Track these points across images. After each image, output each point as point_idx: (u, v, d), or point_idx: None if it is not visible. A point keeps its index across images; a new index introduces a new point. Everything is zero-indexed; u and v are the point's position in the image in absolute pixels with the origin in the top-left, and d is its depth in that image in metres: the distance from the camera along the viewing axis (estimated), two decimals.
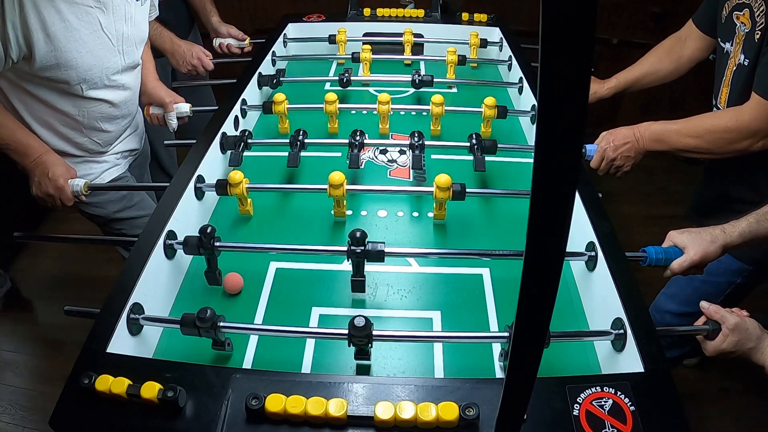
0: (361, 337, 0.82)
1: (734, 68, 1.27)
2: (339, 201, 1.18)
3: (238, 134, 1.36)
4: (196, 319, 0.84)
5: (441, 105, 1.45)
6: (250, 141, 1.34)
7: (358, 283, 1.01)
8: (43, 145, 1.33)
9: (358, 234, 0.96)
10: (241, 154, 1.32)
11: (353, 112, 1.60)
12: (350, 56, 1.75)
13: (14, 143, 1.28)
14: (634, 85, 1.62)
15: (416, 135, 1.32)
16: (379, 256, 0.97)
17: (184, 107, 1.56)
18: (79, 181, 1.32)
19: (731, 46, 1.28)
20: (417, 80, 1.59)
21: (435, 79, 1.60)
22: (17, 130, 1.29)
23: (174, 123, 1.58)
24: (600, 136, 1.32)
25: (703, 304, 0.95)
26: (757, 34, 1.18)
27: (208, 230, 1.00)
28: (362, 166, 1.38)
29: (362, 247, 0.97)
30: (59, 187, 1.30)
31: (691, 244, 1.02)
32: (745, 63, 1.22)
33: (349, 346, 0.85)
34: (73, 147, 1.41)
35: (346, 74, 1.62)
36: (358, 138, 1.32)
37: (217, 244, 1.00)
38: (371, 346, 0.86)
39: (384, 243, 0.98)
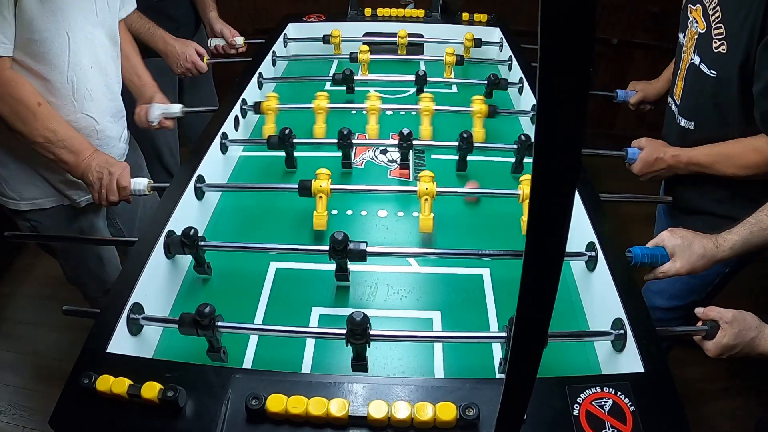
0: (359, 334, 0.81)
1: (687, 66, 1.28)
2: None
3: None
4: (196, 315, 0.83)
5: (431, 101, 1.43)
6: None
7: (342, 276, 1.02)
8: (92, 144, 1.29)
9: (339, 237, 0.97)
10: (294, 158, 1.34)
11: (353, 112, 1.60)
12: (348, 56, 1.75)
13: (69, 138, 1.23)
14: None
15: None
16: (360, 255, 0.98)
17: (175, 108, 1.52)
18: (142, 180, 1.26)
19: (684, 39, 1.28)
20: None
21: (434, 79, 1.60)
22: (69, 126, 1.26)
23: (154, 115, 1.51)
24: (643, 142, 1.32)
25: (698, 309, 0.94)
26: (716, 43, 1.16)
27: (191, 232, 1.00)
28: (362, 166, 1.38)
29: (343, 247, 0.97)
30: (122, 165, 1.25)
31: (680, 254, 0.99)
32: (705, 71, 1.21)
33: (347, 345, 0.83)
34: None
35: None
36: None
37: (202, 243, 1.02)
38: (369, 346, 0.84)
39: (366, 243, 0.98)
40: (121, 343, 0.85)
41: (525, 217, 1.15)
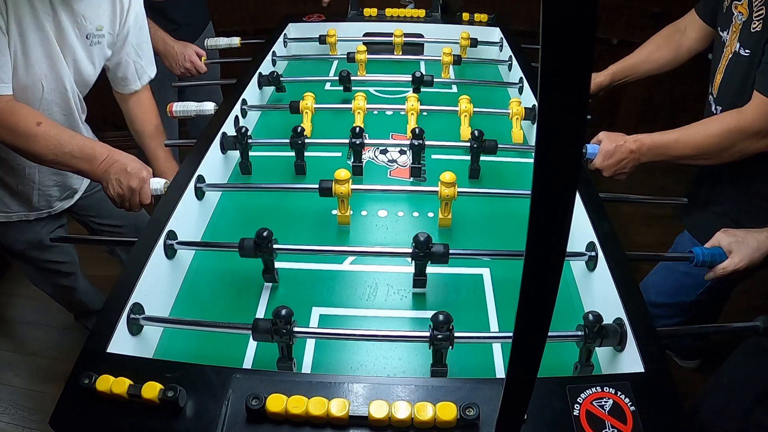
0: (443, 337, 0.81)
1: (729, 56, 1.28)
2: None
3: (236, 135, 1.34)
4: (274, 317, 0.81)
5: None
6: (250, 141, 1.34)
7: (420, 281, 1.02)
8: (106, 145, 1.27)
9: (422, 238, 0.96)
10: (249, 163, 1.34)
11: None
12: (345, 56, 1.75)
13: (78, 147, 1.22)
14: (633, 73, 1.61)
15: (417, 131, 1.29)
16: (442, 259, 0.98)
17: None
18: (160, 181, 1.25)
19: (728, 34, 1.29)
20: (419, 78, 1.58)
21: (434, 79, 1.60)
22: (76, 135, 1.25)
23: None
24: (601, 135, 1.32)
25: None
26: (754, 24, 1.18)
27: (265, 234, 0.98)
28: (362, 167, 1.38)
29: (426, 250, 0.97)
30: (143, 178, 1.23)
31: (737, 249, 1.03)
32: (743, 53, 1.22)
33: (430, 348, 0.83)
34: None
35: (344, 74, 1.61)
36: (358, 140, 1.30)
37: (275, 246, 1.00)
38: (452, 348, 0.83)
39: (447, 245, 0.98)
40: (121, 343, 0.85)
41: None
